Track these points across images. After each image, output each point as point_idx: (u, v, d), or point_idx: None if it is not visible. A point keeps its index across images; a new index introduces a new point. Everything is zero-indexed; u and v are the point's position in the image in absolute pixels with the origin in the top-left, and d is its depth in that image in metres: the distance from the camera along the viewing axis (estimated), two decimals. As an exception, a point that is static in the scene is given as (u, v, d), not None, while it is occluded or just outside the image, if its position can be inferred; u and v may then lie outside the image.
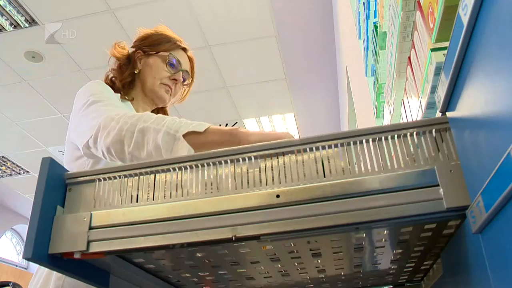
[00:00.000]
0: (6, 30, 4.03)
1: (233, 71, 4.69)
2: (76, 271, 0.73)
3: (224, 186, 0.67)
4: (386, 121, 1.45)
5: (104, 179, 0.73)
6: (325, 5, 4.01)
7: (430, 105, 0.84)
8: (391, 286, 1.09)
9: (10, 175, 6.74)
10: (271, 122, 5.75)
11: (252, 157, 0.69)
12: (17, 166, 6.46)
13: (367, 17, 1.96)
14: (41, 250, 0.65)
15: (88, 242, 0.67)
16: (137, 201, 0.70)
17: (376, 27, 1.66)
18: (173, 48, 1.45)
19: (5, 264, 8.08)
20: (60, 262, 0.69)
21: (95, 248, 0.67)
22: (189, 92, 1.55)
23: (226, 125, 1.11)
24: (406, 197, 0.61)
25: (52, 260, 0.67)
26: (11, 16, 3.89)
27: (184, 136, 0.96)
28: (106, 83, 1.40)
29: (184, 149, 0.95)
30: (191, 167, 0.70)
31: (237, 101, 5.19)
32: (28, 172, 6.63)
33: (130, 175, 0.73)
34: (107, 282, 0.82)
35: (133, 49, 1.47)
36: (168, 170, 0.71)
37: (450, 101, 0.61)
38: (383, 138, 0.66)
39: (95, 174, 0.74)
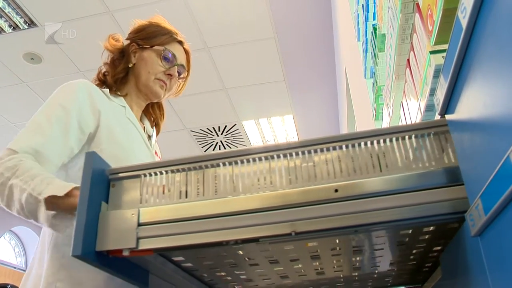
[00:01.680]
0: (5, 31, 4.03)
1: (232, 73, 4.69)
2: (120, 269, 0.72)
3: (278, 181, 0.66)
4: (385, 123, 1.45)
5: (150, 174, 0.72)
6: (324, 6, 4.02)
7: (429, 108, 0.84)
8: (390, 289, 1.09)
9: (9, 176, 6.73)
10: (270, 124, 5.75)
11: (306, 152, 0.67)
12: (16, 167, 6.45)
13: (366, 19, 1.96)
14: (89, 247, 0.64)
15: (138, 239, 0.66)
16: (186, 197, 0.69)
17: (375, 29, 1.66)
18: (169, 41, 1.40)
19: (3, 266, 8.06)
20: (106, 260, 0.67)
21: (144, 245, 0.65)
22: (184, 86, 1.51)
23: (225, 127, 1.10)
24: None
25: (98, 257, 0.65)
26: (10, 18, 3.89)
27: (46, 198, 0.95)
28: (98, 78, 1.37)
29: (43, 213, 0.96)
30: (242, 161, 0.69)
31: (236, 103, 5.19)
32: (26, 173, 6.62)
33: (178, 170, 0.71)
34: (147, 281, 0.81)
35: (128, 42, 1.43)
36: (218, 165, 0.70)
37: (449, 104, 0.61)
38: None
39: (140, 170, 0.72)
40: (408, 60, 1.01)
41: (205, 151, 6.15)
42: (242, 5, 3.89)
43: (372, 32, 1.71)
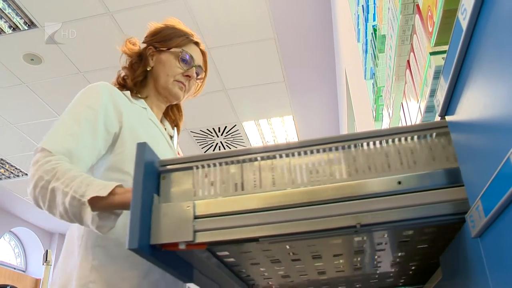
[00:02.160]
0: (5, 32, 4.03)
1: (232, 73, 4.69)
2: (170, 263, 0.70)
3: (338, 173, 0.65)
4: (385, 124, 1.45)
5: (203, 166, 0.70)
6: (324, 7, 4.02)
7: (429, 109, 0.84)
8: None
9: (9, 177, 6.73)
10: (270, 124, 5.75)
11: (364, 144, 0.66)
12: (16, 168, 6.45)
13: (366, 20, 1.96)
14: (144, 240, 0.62)
15: (194, 232, 0.64)
16: (242, 189, 0.67)
17: (375, 30, 1.66)
18: (185, 43, 1.41)
19: (3, 267, 8.05)
20: (158, 254, 0.66)
21: (201, 238, 0.64)
22: (203, 86, 1.52)
23: (225, 128, 1.10)
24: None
25: (152, 251, 0.64)
26: (10, 19, 3.89)
27: (89, 200, 0.95)
28: (118, 82, 1.38)
29: (88, 215, 0.95)
30: (299, 153, 0.67)
31: (236, 104, 5.19)
32: (27, 174, 6.61)
33: (232, 162, 0.70)
34: (192, 276, 0.80)
35: (144, 45, 1.44)
36: (274, 157, 0.68)
37: (449, 105, 0.61)
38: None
39: (192, 162, 0.71)
40: (408, 61, 1.01)
41: (204, 152, 6.15)
42: (242, 6, 3.89)
43: (372, 33, 1.71)
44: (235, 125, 5.67)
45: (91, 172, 1.18)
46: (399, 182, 0.62)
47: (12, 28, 3.99)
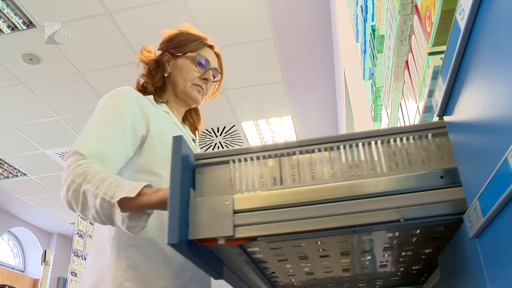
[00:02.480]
0: (3, 32, 4.02)
1: (231, 73, 4.69)
2: (204, 259, 0.69)
3: (379, 167, 0.64)
4: (384, 124, 1.45)
5: (240, 160, 0.70)
6: (323, 8, 4.02)
7: (428, 109, 0.84)
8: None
9: (7, 177, 6.72)
10: (268, 125, 5.74)
11: (404, 138, 0.66)
12: (15, 168, 6.44)
13: (365, 20, 1.96)
14: (183, 236, 0.61)
15: (234, 227, 0.63)
16: (281, 183, 0.67)
17: (373, 30, 1.66)
18: (200, 47, 1.44)
19: (2, 267, 8.05)
20: (194, 249, 0.64)
21: (241, 233, 0.63)
22: (219, 88, 1.55)
23: (224, 128, 1.10)
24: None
25: (190, 246, 0.63)
26: (9, 19, 3.89)
27: (118, 201, 0.96)
28: (138, 89, 1.40)
29: (118, 216, 0.96)
30: (338, 147, 0.67)
31: (235, 104, 5.19)
32: (25, 174, 6.61)
33: (270, 156, 0.69)
34: (222, 272, 0.79)
35: (160, 52, 1.47)
36: (313, 151, 0.68)
37: (447, 105, 0.61)
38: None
39: (229, 156, 0.70)
40: (407, 61, 1.01)
41: (204, 152, 6.13)
42: (241, 6, 3.89)
43: (370, 34, 1.71)
44: (234, 125, 5.67)
45: (120, 174, 1.20)
46: (441, 177, 0.61)
47: (10, 28, 3.99)
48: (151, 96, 1.35)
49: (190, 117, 1.56)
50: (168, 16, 3.91)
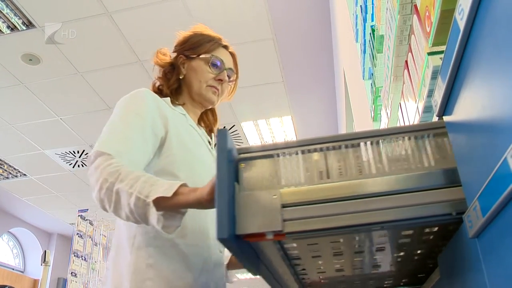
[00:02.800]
0: (3, 32, 4.02)
1: (230, 74, 4.69)
2: (247, 255, 0.68)
3: (426, 160, 0.63)
4: (383, 124, 1.45)
5: (284, 154, 0.68)
6: (323, 8, 4.02)
7: (427, 109, 0.84)
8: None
9: (7, 178, 6.72)
10: (268, 125, 5.75)
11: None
12: (14, 169, 6.44)
13: (364, 20, 1.96)
14: (231, 230, 0.60)
15: (283, 222, 0.62)
16: (328, 177, 0.65)
17: (373, 30, 1.66)
18: (214, 48, 1.44)
19: (2, 267, 8.05)
20: (241, 244, 0.63)
21: (290, 227, 0.62)
22: (235, 88, 1.55)
23: (224, 127, 1.09)
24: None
25: (237, 241, 0.62)
26: (8, 19, 3.89)
27: (154, 201, 0.95)
28: (154, 91, 1.39)
29: (154, 215, 0.96)
30: (384, 141, 0.66)
31: (235, 104, 5.19)
32: (25, 175, 6.61)
33: (315, 150, 0.67)
34: (259, 268, 0.78)
35: (175, 55, 1.46)
36: (358, 145, 0.66)
37: (447, 105, 0.61)
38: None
39: (273, 149, 0.69)
40: (406, 61, 1.01)
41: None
42: (241, 6, 3.89)
43: (370, 34, 1.71)
44: (234, 125, 5.67)
45: None
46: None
47: (10, 28, 3.99)
48: (168, 99, 1.35)
49: (206, 119, 1.55)
50: (168, 17, 3.91)
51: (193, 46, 1.43)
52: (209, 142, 1.46)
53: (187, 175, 1.21)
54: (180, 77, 1.42)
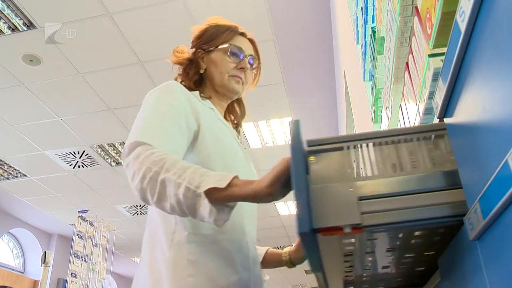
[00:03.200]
0: (4, 33, 4.03)
1: (231, 75, 4.68)
2: (317, 250, 0.67)
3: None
4: (384, 126, 1.45)
5: (355, 146, 0.67)
6: (323, 9, 4.02)
7: (428, 111, 0.84)
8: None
9: (7, 178, 6.72)
10: (269, 126, 5.74)
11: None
12: (14, 169, 6.44)
13: (365, 22, 1.97)
14: (311, 224, 0.58)
15: (361, 215, 0.60)
16: (402, 170, 0.64)
17: (374, 32, 1.66)
18: (231, 36, 1.40)
19: (2, 268, 8.04)
20: (314, 238, 0.62)
21: (368, 221, 0.60)
22: (259, 75, 1.50)
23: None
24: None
25: (313, 236, 0.60)
26: (9, 20, 3.89)
27: (205, 192, 0.90)
28: None
29: (206, 207, 0.90)
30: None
31: (235, 105, 5.18)
32: (25, 175, 6.61)
33: (386, 142, 0.66)
34: (322, 265, 0.77)
35: (193, 50, 1.43)
36: (430, 138, 0.65)
37: (447, 107, 0.61)
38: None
39: (344, 142, 0.68)
40: (407, 63, 1.01)
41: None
42: (242, 7, 3.89)
43: (371, 35, 1.71)
44: (234, 127, 5.67)
45: None
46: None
47: (11, 29, 3.99)
48: (197, 92, 1.32)
49: (233, 111, 1.51)
50: (169, 18, 3.92)
51: (210, 39, 1.39)
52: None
53: (222, 170, 1.16)
54: (201, 72, 1.38)
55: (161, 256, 1.10)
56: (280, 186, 0.87)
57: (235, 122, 1.50)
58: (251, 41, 1.46)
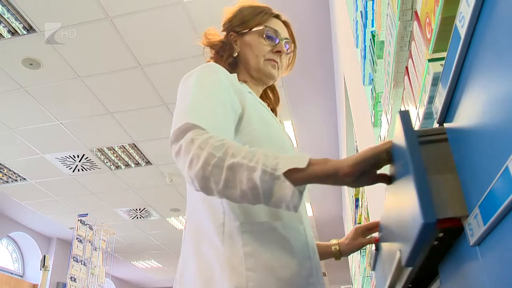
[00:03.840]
0: (4, 37, 4.03)
1: (231, 79, 4.69)
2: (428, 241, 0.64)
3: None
4: (384, 130, 1.45)
5: None
6: (323, 13, 4.03)
7: (428, 115, 0.84)
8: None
9: (7, 182, 6.72)
10: (268, 130, 5.74)
11: None
12: (14, 173, 6.43)
13: (364, 26, 1.97)
14: (434, 214, 0.55)
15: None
16: None
17: (373, 36, 1.66)
18: (266, 18, 1.32)
19: (1, 272, 8.03)
20: (434, 230, 0.58)
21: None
22: (294, 59, 1.44)
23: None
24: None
25: (434, 227, 0.57)
26: (9, 23, 3.90)
27: (284, 173, 0.84)
28: None
29: (287, 190, 0.84)
30: None
31: (235, 109, 5.19)
32: (25, 179, 6.61)
33: None
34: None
35: (225, 33, 1.36)
36: None
37: (447, 112, 0.61)
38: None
39: None
40: (407, 67, 1.01)
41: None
42: (241, 11, 3.90)
43: (370, 39, 1.71)
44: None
45: None
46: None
47: (11, 33, 4.00)
48: (235, 75, 1.24)
49: (266, 98, 1.45)
50: (168, 22, 3.92)
51: (243, 21, 1.33)
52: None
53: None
54: (234, 55, 1.32)
55: (212, 251, 1.01)
56: (362, 168, 0.82)
57: (271, 108, 1.42)
58: (286, 23, 1.39)
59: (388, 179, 0.84)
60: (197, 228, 1.08)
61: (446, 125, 0.63)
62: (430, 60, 0.77)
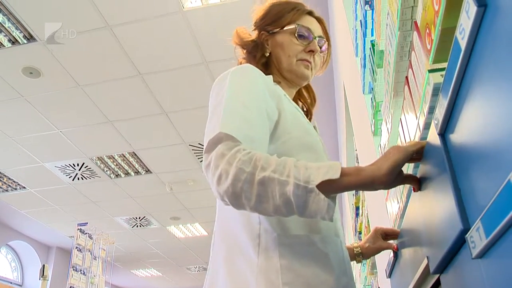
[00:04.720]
0: (4, 46, 4.04)
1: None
2: None
3: None
4: (384, 139, 1.45)
5: None
6: (322, 22, 4.04)
7: (428, 125, 0.84)
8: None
9: (6, 190, 6.70)
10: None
11: None
12: (14, 181, 6.43)
13: (364, 35, 1.97)
14: None
15: None
16: None
17: (373, 45, 1.66)
18: (298, 16, 1.26)
19: (0, 281, 8.00)
20: None
21: None
22: (329, 57, 1.38)
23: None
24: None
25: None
26: (10, 32, 3.91)
27: (317, 186, 0.82)
28: None
29: (322, 203, 0.82)
30: None
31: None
32: (24, 187, 6.59)
33: None
34: None
35: (256, 32, 1.31)
36: None
37: (448, 123, 0.61)
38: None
39: None
40: (407, 77, 1.01)
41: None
42: (241, 20, 3.91)
43: (370, 48, 1.71)
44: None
45: None
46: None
47: (11, 42, 4.01)
48: (270, 76, 1.18)
49: (301, 98, 1.39)
50: (168, 30, 3.93)
51: (275, 19, 1.27)
52: (314, 127, 1.30)
53: (308, 160, 0.98)
54: (266, 55, 1.27)
55: (246, 264, 0.98)
56: (396, 175, 0.82)
57: (305, 110, 1.38)
58: (319, 20, 1.33)
59: (415, 180, 0.84)
60: (229, 237, 1.05)
61: (447, 136, 0.62)
62: (430, 71, 0.77)
